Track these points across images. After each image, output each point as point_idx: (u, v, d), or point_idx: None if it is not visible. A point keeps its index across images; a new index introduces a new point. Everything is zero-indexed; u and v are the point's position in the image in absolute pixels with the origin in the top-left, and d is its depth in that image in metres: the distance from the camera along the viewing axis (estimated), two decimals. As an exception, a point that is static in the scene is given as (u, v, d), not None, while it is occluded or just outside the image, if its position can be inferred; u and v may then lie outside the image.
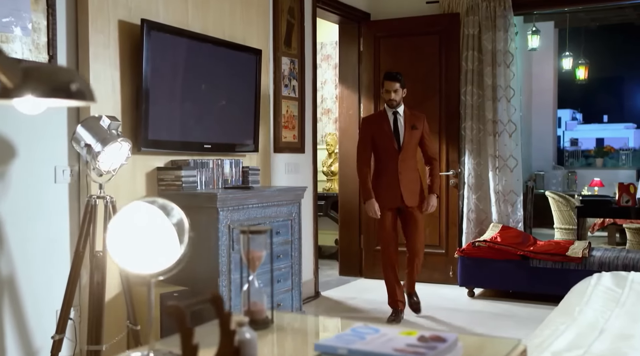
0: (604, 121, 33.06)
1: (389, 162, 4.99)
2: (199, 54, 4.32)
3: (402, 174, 4.97)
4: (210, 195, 3.90)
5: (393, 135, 5.00)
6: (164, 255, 1.44)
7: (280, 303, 4.42)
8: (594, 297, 2.91)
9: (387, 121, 5.01)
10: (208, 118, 4.42)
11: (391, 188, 4.98)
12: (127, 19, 3.90)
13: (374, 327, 1.53)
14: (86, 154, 3.23)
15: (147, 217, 1.46)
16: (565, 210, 8.17)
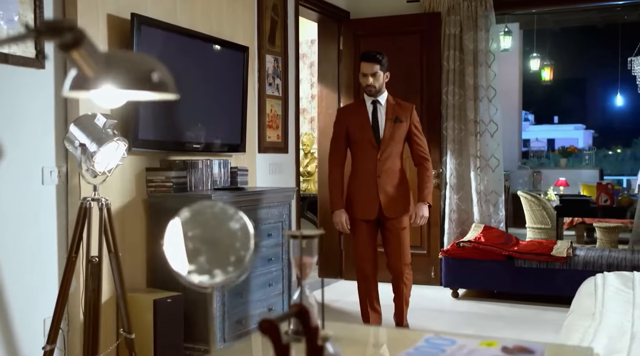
0: (555, 122, 33.81)
1: (365, 162, 4.14)
2: (187, 50, 4.17)
3: (382, 178, 4.12)
4: (203, 197, 3.77)
5: (371, 129, 4.15)
6: (229, 263, 1.32)
7: (272, 308, 4.31)
8: (608, 299, 2.88)
9: (364, 111, 4.18)
10: (197, 117, 4.27)
11: (367, 195, 4.13)
12: (116, 14, 3.74)
13: (447, 338, 1.44)
14: (80, 154, 3.06)
15: (210, 222, 1.33)
16: (538, 210, 8.23)
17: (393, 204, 4.17)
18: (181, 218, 1.34)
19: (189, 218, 1.34)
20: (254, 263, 4.12)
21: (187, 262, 1.30)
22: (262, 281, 4.19)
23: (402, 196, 4.21)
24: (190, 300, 3.77)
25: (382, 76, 4.18)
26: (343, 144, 4.26)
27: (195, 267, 1.31)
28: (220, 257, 1.31)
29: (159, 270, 3.91)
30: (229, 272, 1.31)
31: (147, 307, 3.58)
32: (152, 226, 3.93)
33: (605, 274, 3.44)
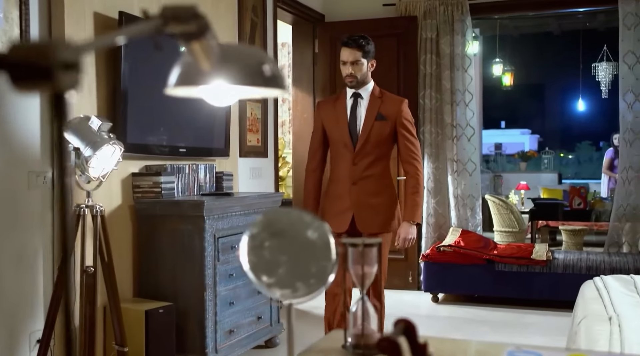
0: (502, 127, 34.48)
1: (340, 166, 3.56)
2: (174, 50, 4.02)
3: (358, 185, 3.48)
4: (196, 203, 3.63)
5: (347, 126, 3.53)
6: (311, 275, 1.22)
7: (261, 316, 4.19)
8: (618, 303, 2.87)
9: (342, 106, 3.58)
10: (182, 120, 4.13)
11: (340, 205, 3.52)
12: (102, 12, 3.58)
13: (531, 350, 1.37)
14: (74, 159, 2.90)
15: (287, 231, 1.24)
16: (506, 213, 8.29)
17: (369, 217, 3.49)
18: (255, 226, 1.23)
19: (264, 227, 1.23)
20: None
21: (267, 275, 1.20)
22: (251, 288, 4.07)
23: (383, 210, 3.52)
24: (181, 309, 3.64)
25: (366, 65, 3.49)
26: (320, 145, 3.64)
27: (275, 280, 1.21)
28: (301, 268, 1.22)
29: (147, 279, 3.76)
30: (312, 284, 1.21)
31: (139, 318, 3.43)
32: (140, 233, 3.78)
33: (604, 278, 3.44)
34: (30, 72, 0.51)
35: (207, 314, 3.63)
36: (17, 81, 0.53)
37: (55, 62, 0.51)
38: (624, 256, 5.48)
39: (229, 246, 3.82)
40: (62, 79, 0.52)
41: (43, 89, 0.54)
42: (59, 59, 0.51)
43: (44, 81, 0.52)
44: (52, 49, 0.52)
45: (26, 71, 0.51)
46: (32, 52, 0.51)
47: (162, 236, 3.71)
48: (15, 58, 0.51)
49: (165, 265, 3.71)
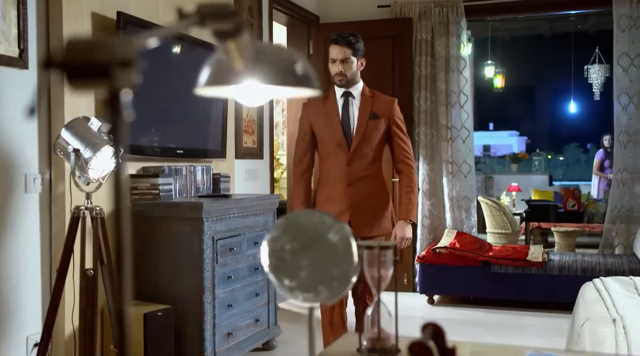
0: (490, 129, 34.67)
1: (333, 167, 3.41)
2: (170, 51, 4.00)
3: (353, 187, 3.37)
4: (194, 205, 3.60)
5: (340, 126, 3.40)
6: (333, 278, 1.20)
7: (259, 318, 4.16)
8: (620, 305, 2.87)
9: (333, 106, 3.44)
10: (179, 122, 4.10)
11: (335, 208, 3.35)
12: (100, 12, 3.54)
13: (550, 353, 1.35)
14: (74, 160, 2.87)
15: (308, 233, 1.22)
16: (499, 215, 8.30)
17: (366, 220, 3.39)
18: (276, 229, 1.21)
19: (284, 230, 1.21)
20: (243, 273, 3.97)
21: (289, 278, 1.18)
22: (249, 291, 4.05)
23: (379, 211, 3.43)
24: (180, 312, 3.60)
25: (356, 64, 3.39)
26: (308, 146, 3.49)
27: (297, 283, 1.19)
28: (323, 272, 1.20)
29: (145, 282, 3.72)
30: (334, 288, 1.19)
31: (137, 321, 3.39)
32: (137, 235, 3.74)
33: (604, 280, 3.45)
34: (87, 71, 0.49)
35: (205, 317, 3.60)
36: (73, 79, 0.50)
37: (114, 60, 0.49)
38: (618, 257, 5.50)
39: (227, 248, 3.80)
40: (119, 77, 0.50)
41: (99, 88, 0.52)
42: (117, 57, 0.49)
43: (101, 79, 0.50)
44: (110, 45, 0.50)
45: (82, 69, 0.49)
46: (89, 49, 0.49)
47: (160, 238, 3.68)
48: (73, 56, 0.49)
49: (163, 267, 3.68)
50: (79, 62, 0.49)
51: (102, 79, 0.51)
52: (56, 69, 0.50)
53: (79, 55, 0.50)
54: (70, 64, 0.49)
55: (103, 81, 0.51)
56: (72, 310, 3.13)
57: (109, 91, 0.52)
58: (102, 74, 0.50)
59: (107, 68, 0.50)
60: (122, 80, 0.52)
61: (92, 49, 0.50)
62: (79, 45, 0.51)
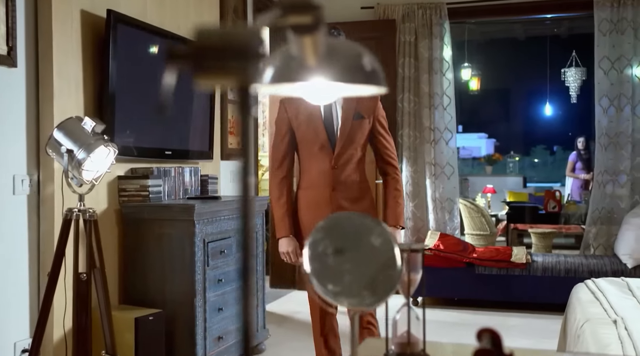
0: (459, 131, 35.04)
1: (316, 170, 3.15)
2: (160, 51, 3.93)
3: (338, 191, 3.12)
4: (186, 207, 3.54)
5: (323, 126, 3.13)
6: (377, 283, 1.17)
7: (248, 322, 4.11)
8: (618, 306, 2.89)
9: (315, 104, 3.11)
10: (168, 122, 4.03)
11: (319, 214, 3.06)
12: (89, 9, 3.47)
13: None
14: (67, 161, 2.79)
15: (349, 237, 1.18)
16: (477, 217, 8.35)
17: None
18: (317, 233, 1.18)
19: (326, 234, 1.18)
20: (232, 276, 3.92)
21: (332, 283, 1.14)
22: (238, 294, 3.97)
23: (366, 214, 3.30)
24: (170, 316, 3.54)
25: None
26: (288, 147, 3.20)
27: (341, 288, 1.15)
28: (367, 276, 1.16)
29: (134, 285, 3.65)
30: (379, 293, 1.16)
31: (128, 326, 3.32)
32: (126, 238, 3.67)
33: (596, 281, 3.47)
34: (217, 63, 0.45)
35: (197, 321, 3.54)
36: (202, 71, 0.46)
37: (250, 52, 0.45)
38: (600, 258, 5.55)
39: (218, 251, 3.74)
40: (250, 70, 0.46)
41: (228, 81, 0.48)
42: (251, 49, 0.45)
43: (231, 72, 0.46)
44: (243, 37, 0.46)
45: (212, 61, 0.45)
46: (221, 40, 0.45)
47: (150, 240, 3.61)
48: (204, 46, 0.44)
49: (153, 271, 3.61)
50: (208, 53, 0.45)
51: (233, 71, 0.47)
52: (182, 61, 0.46)
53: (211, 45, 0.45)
54: (199, 56, 0.45)
55: (233, 74, 0.47)
56: (62, 315, 3.05)
57: (239, 84, 0.48)
58: (233, 66, 0.46)
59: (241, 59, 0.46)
60: (253, 73, 0.48)
61: (221, 39, 0.45)
62: (211, 34, 0.47)
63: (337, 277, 1.16)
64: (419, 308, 1.49)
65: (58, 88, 3.25)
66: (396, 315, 1.52)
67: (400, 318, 1.52)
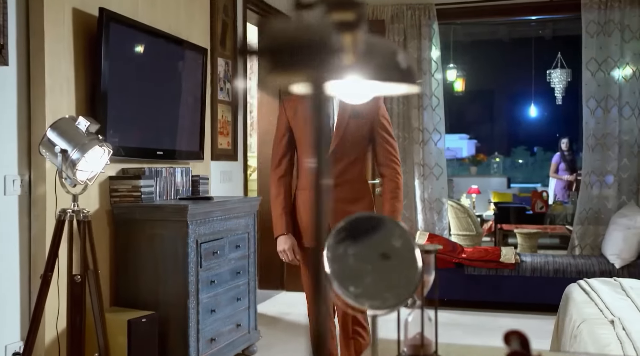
0: (440, 132, 35.21)
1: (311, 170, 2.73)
2: (152, 50, 3.89)
3: (334, 191, 3.05)
4: (179, 208, 3.50)
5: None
6: (399, 285, 1.16)
7: (240, 323, 4.08)
8: (613, 307, 2.90)
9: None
10: (159, 122, 4.00)
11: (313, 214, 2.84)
12: (81, 8, 3.42)
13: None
14: (61, 161, 2.75)
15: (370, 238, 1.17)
16: (463, 217, 8.38)
17: None
18: (337, 234, 1.16)
19: (346, 234, 1.16)
20: (225, 277, 3.89)
21: (354, 285, 1.12)
22: (230, 295, 3.96)
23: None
24: (163, 318, 3.50)
25: None
26: (287, 148, 3.19)
27: (363, 290, 1.14)
28: (387, 278, 1.15)
29: (125, 287, 3.61)
30: (400, 294, 1.15)
31: (120, 328, 3.28)
32: (118, 239, 3.63)
33: (589, 281, 3.48)
34: (291, 58, 0.43)
35: (190, 322, 3.51)
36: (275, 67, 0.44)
37: (326, 47, 0.43)
38: (588, 258, 5.59)
39: (210, 252, 3.71)
40: (327, 66, 0.44)
41: (301, 78, 0.46)
42: (327, 44, 0.43)
43: (305, 69, 0.44)
44: (317, 31, 0.44)
45: (286, 56, 0.43)
46: (295, 34, 0.43)
47: (142, 241, 3.57)
48: (278, 41, 0.42)
49: (145, 272, 3.57)
50: (281, 49, 0.43)
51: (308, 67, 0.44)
52: (254, 57, 0.44)
53: (280, 40, 0.43)
54: (274, 50, 0.43)
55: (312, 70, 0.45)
56: (55, 317, 3.00)
57: (313, 82, 0.46)
58: (308, 62, 0.44)
59: (316, 54, 0.44)
60: (330, 70, 0.46)
61: (295, 34, 0.43)
62: (278, 29, 0.45)
63: (358, 279, 1.14)
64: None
65: (50, 87, 3.20)
66: (408, 316, 1.51)
67: (412, 319, 1.51)
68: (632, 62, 5.71)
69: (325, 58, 0.44)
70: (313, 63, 0.44)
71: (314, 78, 0.46)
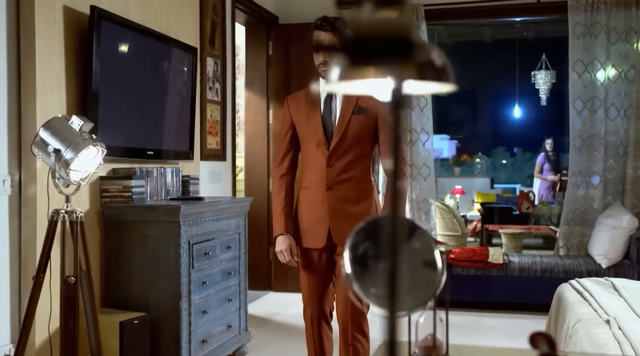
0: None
1: (313, 169, 3.02)
2: (143, 49, 3.86)
3: (334, 191, 2.96)
4: (172, 208, 3.47)
5: (320, 122, 3.00)
6: (419, 286, 1.15)
7: (231, 325, 4.06)
8: (607, 306, 2.92)
9: (316, 99, 3.05)
10: (150, 121, 3.96)
11: (314, 215, 3.01)
12: (72, 5, 3.38)
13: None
14: (54, 161, 2.71)
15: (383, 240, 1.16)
16: (448, 217, 8.41)
17: (349, 229, 2.52)
18: (356, 235, 1.15)
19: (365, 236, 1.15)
20: (216, 278, 3.86)
21: (375, 287, 1.11)
22: (222, 296, 3.94)
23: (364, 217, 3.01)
24: (154, 319, 3.47)
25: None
26: (290, 146, 3.11)
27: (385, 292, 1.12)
28: (408, 279, 1.14)
29: (116, 289, 3.57)
30: (421, 296, 1.14)
31: (112, 330, 3.24)
32: (108, 240, 3.58)
33: (580, 281, 3.50)
34: (372, 55, 0.41)
35: (182, 324, 3.48)
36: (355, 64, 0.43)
37: (408, 44, 0.42)
38: (575, 258, 5.63)
39: (202, 253, 3.68)
40: (409, 63, 0.42)
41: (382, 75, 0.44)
42: (410, 40, 0.42)
43: (386, 65, 0.42)
44: (399, 27, 0.42)
45: (366, 52, 0.41)
46: (376, 30, 0.41)
47: (133, 242, 3.53)
48: (358, 37, 0.41)
49: (136, 273, 3.53)
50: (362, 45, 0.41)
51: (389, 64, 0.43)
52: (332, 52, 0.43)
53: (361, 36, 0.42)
54: (352, 47, 0.41)
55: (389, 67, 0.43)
56: (47, 319, 2.96)
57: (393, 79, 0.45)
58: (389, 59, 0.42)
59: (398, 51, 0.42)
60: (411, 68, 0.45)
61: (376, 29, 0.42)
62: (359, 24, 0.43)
63: (379, 280, 1.13)
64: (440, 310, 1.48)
65: (41, 86, 3.16)
66: (419, 317, 1.50)
67: (423, 321, 1.50)
68: (617, 63, 5.76)
69: (407, 56, 0.43)
70: (394, 61, 0.43)
71: (394, 76, 0.44)
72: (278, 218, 3.05)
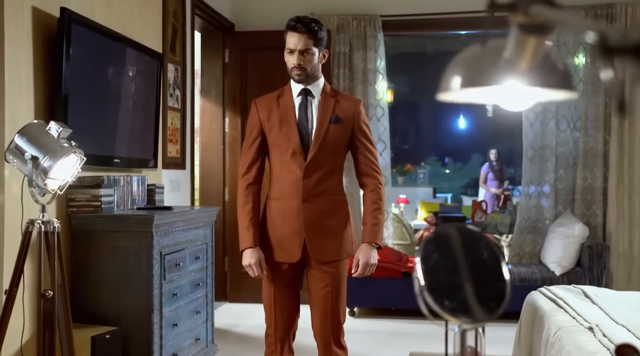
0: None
1: (286, 179, 2.88)
2: (111, 54, 3.73)
3: (310, 203, 2.85)
4: (144, 218, 3.36)
5: (296, 129, 2.87)
6: (490, 297, 1.13)
7: (199, 337, 3.96)
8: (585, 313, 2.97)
9: (289, 104, 2.89)
10: (116, 128, 3.83)
11: (288, 228, 2.88)
12: (41, 7, 3.24)
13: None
14: (32, 169, 2.58)
15: (457, 250, 1.14)
16: (398, 226, 8.49)
17: (324, 243, 2.87)
18: (427, 245, 1.12)
19: (435, 246, 1.13)
20: (186, 289, 3.76)
21: (449, 299, 1.09)
22: (190, 308, 3.84)
23: (339, 232, 2.92)
24: (125, 333, 3.34)
25: (317, 56, 2.84)
26: (257, 152, 2.94)
27: (458, 304, 1.10)
28: (479, 291, 1.12)
29: (83, 301, 3.42)
30: (492, 308, 1.12)
31: (84, 345, 3.11)
32: (76, 251, 3.44)
33: (550, 289, 3.56)
34: None
35: (154, 337, 3.37)
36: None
37: None
38: (529, 266, 5.75)
39: (173, 264, 3.58)
40: None
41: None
42: None
43: None
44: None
45: None
46: None
47: (103, 254, 3.40)
48: None
49: (105, 285, 3.40)
50: None
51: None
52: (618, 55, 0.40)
53: None
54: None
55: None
56: (19, 334, 2.81)
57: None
58: None
59: None
60: None
61: None
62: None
63: (452, 292, 1.11)
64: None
65: (9, 91, 3.01)
66: (457, 329, 1.48)
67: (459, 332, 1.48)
68: (568, 77, 5.94)
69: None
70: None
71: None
72: (245, 231, 2.87)
